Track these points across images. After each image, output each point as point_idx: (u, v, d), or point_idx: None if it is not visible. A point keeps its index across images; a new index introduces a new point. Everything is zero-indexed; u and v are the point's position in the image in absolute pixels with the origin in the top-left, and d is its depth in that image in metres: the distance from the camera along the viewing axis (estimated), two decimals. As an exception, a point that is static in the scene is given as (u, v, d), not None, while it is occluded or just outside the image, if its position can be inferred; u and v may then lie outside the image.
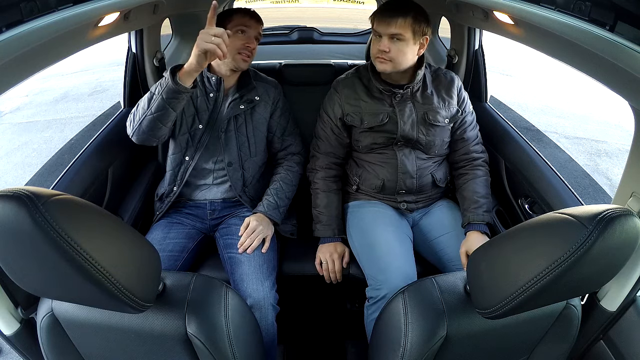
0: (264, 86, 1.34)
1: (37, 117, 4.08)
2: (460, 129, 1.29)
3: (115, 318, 0.71)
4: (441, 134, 1.26)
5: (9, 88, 0.77)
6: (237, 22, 1.21)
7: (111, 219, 0.62)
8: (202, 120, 1.26)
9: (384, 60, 1.16)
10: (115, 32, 1.10)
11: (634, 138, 0.83)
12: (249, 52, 1.22)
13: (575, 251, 0.55)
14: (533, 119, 3.98)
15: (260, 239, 1.19)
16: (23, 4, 0.63)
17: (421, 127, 1.24)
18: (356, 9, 6.70)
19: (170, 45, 1.85)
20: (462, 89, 1.31)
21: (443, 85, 1.27)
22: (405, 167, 1.25)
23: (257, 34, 1.25)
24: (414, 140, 1.24)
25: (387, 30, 1.13)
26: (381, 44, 1.15)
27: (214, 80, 1.25)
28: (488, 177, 1.29)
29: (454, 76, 1.31)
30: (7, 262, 0.57)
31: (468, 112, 1.31)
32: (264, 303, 1.10)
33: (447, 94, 1.26)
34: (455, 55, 1.69)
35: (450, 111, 1.26)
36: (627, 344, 0.90)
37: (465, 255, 1.16)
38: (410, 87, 1.22)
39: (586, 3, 0.64)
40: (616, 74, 0.68)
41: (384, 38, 1.15)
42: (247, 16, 1.23)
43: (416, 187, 1.27)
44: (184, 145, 1.27)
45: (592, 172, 3.09)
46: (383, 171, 1.26)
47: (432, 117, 1.24)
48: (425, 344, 0.71)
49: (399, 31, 1.13)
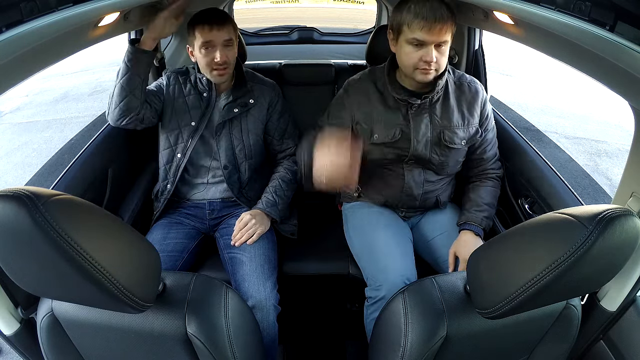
0: (260, 88, 1.32)
1: (37, 117, 4.08)
2: (480, 149, 1.20)
3: (115, 318, 0.71)
4: (456, 155, 1.17)
5: (9, 88, 0.77)
6: (199, 38, 1.16)
7: (111, 219, 0.62)
8: (194, 117, 1.26)
9: (429, 70, 1.03)
10: (115, 32, 1.10)
11: (634, 138, 0.83)
12: (220, 66, 1.17)
13: (575, 251, 0.55)
14: (533, 119, 3.98)
15: (252, 232, 1.19)
16: (23, 4, 0.63)
17: (435, 147, 1.14)
18: (356, 9, 6.68)
19: (170, 45, 1.84)
20: (487, 104, 1.20)
21: (466, 99, 1.15)
22: (410, 190, 1.19)
23: (224, 40, 1.16)
24: (426, 159, 1.15)
25: (437, 38, 0.99)
26: (427, 54, 1.00)
27: (205, 81, 1.25)
28: (498, 190, 1.25)
29: (479, 88, 1.18)
30: (7, 262, 0.57)
31: (490, 130, 1.20)
32: (266, 303, 1.10)
33: (468, 111, 1.15)
34: (455, 55, 1.69)
35: (469, 132, 1.15)
36: (627, 344, 0.90)
37: (454, 256, 1.13)
38: (429, 97, 1.10)
39: (586, 3, 0.64)
40: (616, 74, 0.68)
41: (429, 47, 1.00)
42: (207, 27, 1.15)
43: (417, 207, 1.25)
44: (173, 141, 1.27)
45: (592, 172, 3.09)
46: (387, 190, 1.22)
47: (449, 138, 1.13)
48: (425, 344, 0.71)
49: (447, 38, 1.00)
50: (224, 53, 1.17)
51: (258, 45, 2.41)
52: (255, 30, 2.55)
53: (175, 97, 1.27)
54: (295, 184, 1.35)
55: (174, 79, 1.29)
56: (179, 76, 1.30)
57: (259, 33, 2.54)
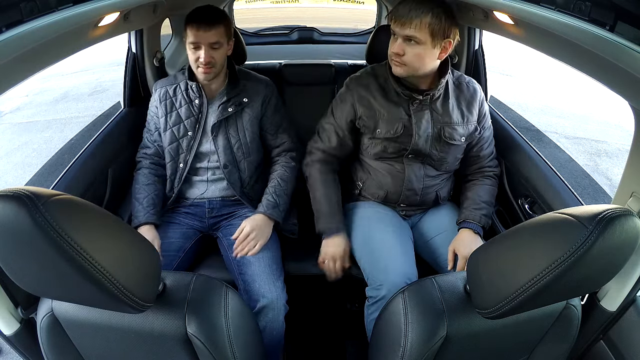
0: (254, 86, 1.33)
1: (37, 117, 4.08)
2: (477, 146, 1.23)
3: (115, 318, 0.71)
4: (455, 151, 1.20)
5: (9, 88, 0.77)
6: (189, 37, 1.17)
7: (111, 219, 0.62)
8: (189, 127, 1.28)
9: (398, 63, 1.07)
10: (115, 32, 1.10)
11: (634, 138, 0.83)
12: (205, 66, 1.18)
13: (575, 251, 0.55)
14: (533, 119, 3.98)
15: (252, 245, 1.19)
16: (23, 4, 0.63)
17: (435, 143, 1.17)
18: (356, 9, 6.68)
19: (170, 45, 1.84)
20: (484, 103, 1.24)
21: (465, 97, 1.19)
22: (411, 184, 1.21)
23: (212, 42, 1.17)
24: (425, 154, 1.18)
25: (401, 31, 1.03)
26: (395, 45, 1.05)
27: (195, 88, 1.26)
28: (496, 188, 1.26)
29: (477, 88, 1.22)
30: (7, 262, 0.57)
31: (487, 128, 1.24)
32: (278, 303, 1.11)
33: (467, 109, 1.18)
34: (455, 55, 1.69)
35: (468, 129, 1.19)
36: (627, 344, 0.90)
37: (453, 253, 1.13)
38: (430, 94, 1.13)
39: (586, 3, 0.64)
40: (616, 74, 0.68)
41: (399, 39, 1.05)
42: (195, 26, 1.16)
43: (418, 203, 1.26)
44: (174, 154, 1.29)
45: (592, 172, 3.09)
46: (388, 183, 1.23)
47: (449, 134, 1.16)
48: (425, 344, 0.71)
49: (415, 34, 1.02)
50: (210, 54, 1.18)
51: (258, 45, 2.41)
52: (255, 30, 2.55)
53: (168, 111, 1.29)
54: (294, 181, 1.34)
55: (164, 94, 1.30)
56: (168, 89, 1.31)
57: (259, 33, 2.54)
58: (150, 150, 1.33)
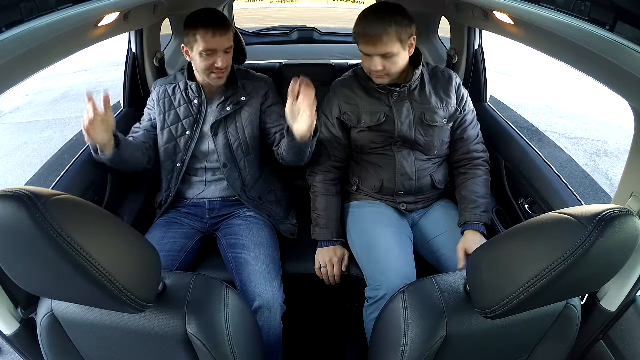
0: (254, 85, 1.33)
1: (37, 117, 4.08)
2: (461, 129, 1.28)
3: (115, 318, 0.71)
4: (440, 134, 1.24)
5: (9, 88, 0.77)
6: (201, 44, 1.14)
7: (111, 219, 0.62)
8: (188, 127, 1.28)
9: (381, 76, 1.14)
10: (115, 32, 1.11)
11: (634, 138, 0.83)
12: (220, 71, 1.19)
13: (575, 251, 0.55)
14: (533, 119, 3.98)
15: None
16: (23, 4, 0.63)
17: (419, 127, 1.22)
18: (356, 9, 6.69)
19: (170, 45, 1.84)
20: (461, 87, 1.29)
21: (441, 84, 1.25)
22: (403, 169, 1.24)
23: (226, 47, 1.17)
24: (412, 140, 1.22)
25: (375, 51, 1.09)
26: (373, 64, 1.11)
27: (194, 88, 1.26)
28: (488, 177, 1.28)
29: (452, 74, 1.28)
30: (7, 262, 0.57)
31: (468, 111, 1.28)
32: (274, 303, 1.10)
33: (445, 93, 1.24)
34: (455, 55, 1.69)
35: (449, 111, 1.24)
36: (627, 344, 0.90)
37: (463, 252, 1.14)
38: (407, 86, 1.20)
39: (586, 3, 0.64)
40: (616, 74, 0.68)
41: (375, 58, 1.11)
42: (210, 33, 1.13)
43: (415, 189, 1.26)
44: (172, 153, 1.29)
45: (592, 172, 3.09)
46: (382, 172, 1.26)
47: (430, 117, 1.22)
48: (425, 344, 0.71)
49: (389, 50, 1.08)
50: (225, 59, 1.18)
51: (258, 45, 2.41)
52: (255, 30, 2.55)
53: (166, 110, 1.29)
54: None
55: (163, 92, 1.30)
56: (167, 88, 1.31)
57: (259, 33, 2.54)
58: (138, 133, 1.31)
